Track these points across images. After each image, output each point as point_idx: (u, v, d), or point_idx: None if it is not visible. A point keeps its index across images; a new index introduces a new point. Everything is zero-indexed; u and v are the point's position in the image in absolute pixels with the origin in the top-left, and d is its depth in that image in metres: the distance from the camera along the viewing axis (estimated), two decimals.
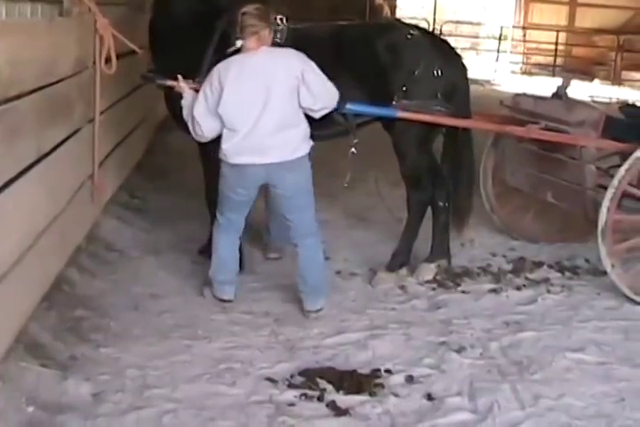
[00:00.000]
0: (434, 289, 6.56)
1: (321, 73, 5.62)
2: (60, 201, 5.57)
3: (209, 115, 5.58)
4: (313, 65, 5.60)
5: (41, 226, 5.07)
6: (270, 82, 5.49)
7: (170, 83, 6.01)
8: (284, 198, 5.77)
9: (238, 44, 5.57)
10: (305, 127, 5.69)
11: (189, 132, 6.47)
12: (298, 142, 5.64)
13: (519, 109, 7.32)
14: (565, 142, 6.78)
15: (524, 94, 7.69)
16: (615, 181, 6.27)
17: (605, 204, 6.25)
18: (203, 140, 5.80)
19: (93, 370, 4.88)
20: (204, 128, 5.63)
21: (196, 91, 5.76)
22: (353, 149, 6.27)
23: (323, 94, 5.65)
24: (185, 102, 5.77)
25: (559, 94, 7.24)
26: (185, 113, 5.76)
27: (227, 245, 5.94)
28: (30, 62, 4.71)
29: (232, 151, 5.57)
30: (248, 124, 5.51)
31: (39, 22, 5.23)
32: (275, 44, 5.90)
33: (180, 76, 5.88)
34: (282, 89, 5.51)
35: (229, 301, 5.99)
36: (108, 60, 6.20)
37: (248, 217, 6.00)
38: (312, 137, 5.81)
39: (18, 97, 4.51)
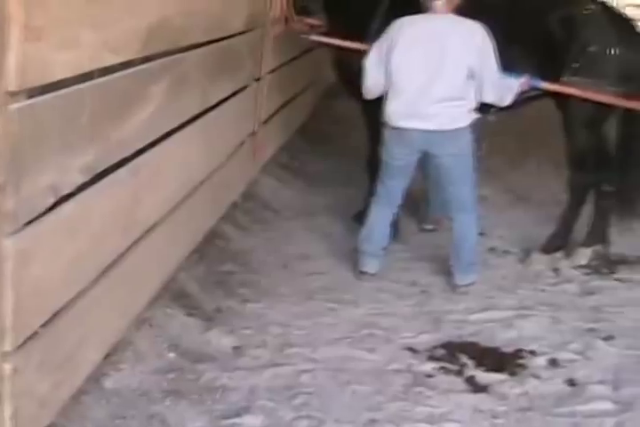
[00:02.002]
0: (587, 274, 6.35)
1: (495, 62, 5.48)
2: (221, 155, 5.63)
3: (377, 67, 5.54)
4: (492, 48, 5.46)
5: (199, 178, 5.13)
6: (447, 51, 5.39)
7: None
8: (443, 169, 5.69)
9: (439, 3, 5.43)
10: (470, 101, 5.56)
11: (355, 97, 6.47)
12: (460, 113, 5.53)
13: None
14: None
15: None
16: None
17: None
18: (368, 96, 5.73)
19: (237, 324, 4.95)
20: (370, 79, 5.60)
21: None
22: (492, 117, 6.08)
23: (493, 86, 5.53)
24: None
25: None
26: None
27: (379, 216, 5.87)
28: (201, 15, 4.74)
29: (395, 114, 5.52)
30: (415, 87, 5.45)
31: None
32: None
33: None
34: (457, 60, 5.41)
35: (371, 274, 5.92)
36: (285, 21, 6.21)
37: (406, 190, 5.93)
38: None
39: (188, 48, 4.56)
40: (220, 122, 5.41)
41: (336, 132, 9.57)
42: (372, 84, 5.61)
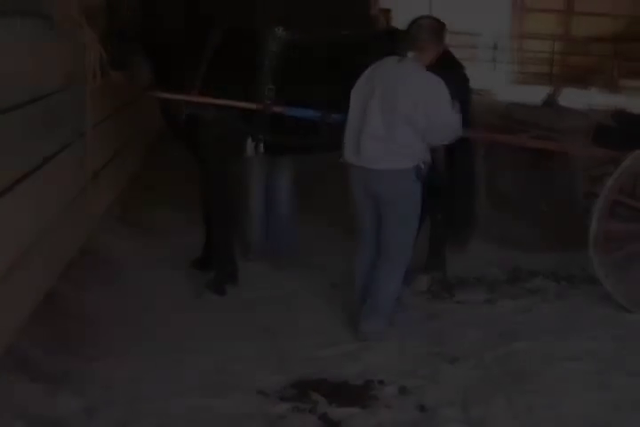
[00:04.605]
0: (428, 300, 6.53)
1: (446, 108, 5.46)
2: (52, 214, 5.54)
3: None
4: (442, 98, 5.43)
5: (32, 239, 5.04)
6: (392, 93, 5.39)
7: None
8: (382, 213, 5.69)
9: (409, 54, 5.46)
10: (409, 147, 5.48)
11: (185, 145, 6.48)
12: (391, 155, 5.46)
13: (511, 118, 7.30)
14: (555, 150, 6.72)
15: (516, 103, 7.68)
16: (605, 191, 6.22)
17: (596, 214, 6.20)
18: None
19: (84, 384, 4.85)
20: None
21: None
22: None
23: (434, 130, 5.49)
24: None
25: (549, 102, 7.22)
26: None
27: (360, 263, 5.96)
28: (15, 76, 4.68)
29: (345, 148, 5.63)
30: (356, 121, 5.55)
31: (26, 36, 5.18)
32: (271, 53, 5.99)
33: None
34: (399, 105, 5.36)
35: None
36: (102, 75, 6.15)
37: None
38: (298, 149, 5.83)
39: (5, 111, 4.49)
40: (47, 181, 5.33)
41: (167, 180, 9.50)
42: None
